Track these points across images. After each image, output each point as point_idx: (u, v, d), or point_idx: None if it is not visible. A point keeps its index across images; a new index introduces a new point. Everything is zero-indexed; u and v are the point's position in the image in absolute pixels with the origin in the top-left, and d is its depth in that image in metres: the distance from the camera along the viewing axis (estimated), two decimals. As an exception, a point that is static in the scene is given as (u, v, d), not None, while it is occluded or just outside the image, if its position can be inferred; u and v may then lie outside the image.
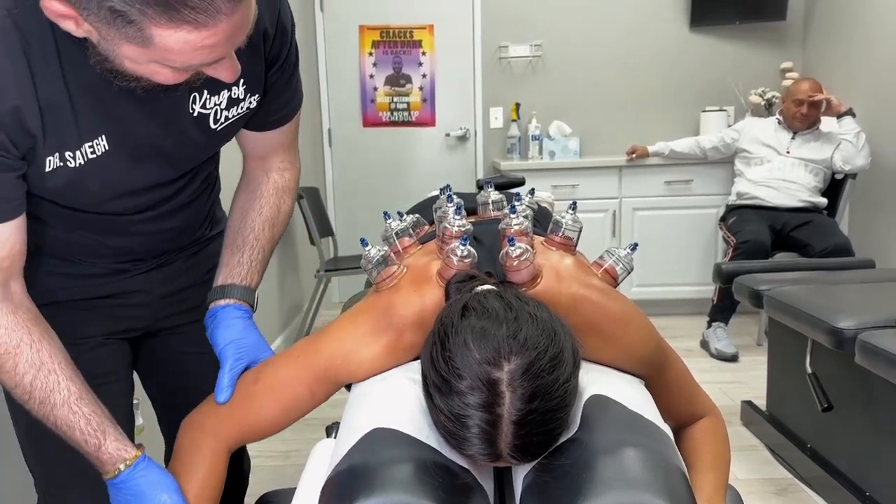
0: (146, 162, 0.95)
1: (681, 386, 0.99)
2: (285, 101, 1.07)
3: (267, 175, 1.13)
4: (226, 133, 1.01)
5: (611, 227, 3.78)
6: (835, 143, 3.29)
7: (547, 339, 0.74)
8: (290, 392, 0.94)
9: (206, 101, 0.94)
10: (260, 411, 0.95)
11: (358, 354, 0.91)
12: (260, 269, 1.09)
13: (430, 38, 4.17)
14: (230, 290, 1.05)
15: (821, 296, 2.04)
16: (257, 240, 1.09)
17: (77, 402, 0.91)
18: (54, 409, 0.90)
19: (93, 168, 0.88)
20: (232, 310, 1.04)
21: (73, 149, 0.86)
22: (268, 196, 1.12)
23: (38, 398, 0.89)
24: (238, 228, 1.10)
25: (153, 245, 1.10)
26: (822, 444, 2.08)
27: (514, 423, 0.72)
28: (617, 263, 0.97)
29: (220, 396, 0.96)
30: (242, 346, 1.00)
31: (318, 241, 3.48)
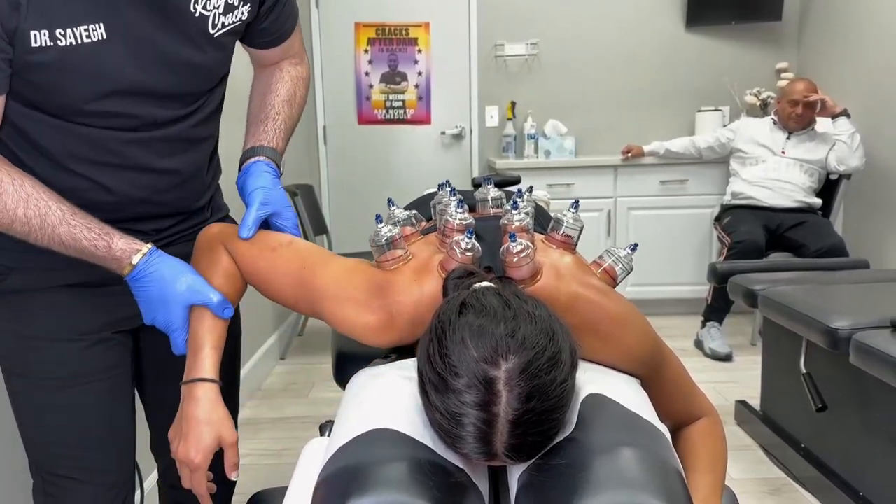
0: (146, 60, 0.94)
1: (678, 386, 0.99)
2: (285, 17, 1.13)
3: (281, 67, 1.20)
4: (223, 42, 1.02)
5: (606, 227, 3.77)
6: (829, 144, 3.29)
7: (545, 338, 0.74)
8: (282, 286, 0.99)
9: (207, 3, 0.96)
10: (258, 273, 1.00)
11: (348, 313, 0.92)
12: (284, 137, 1.14)
13: (426, 36, 4.16)
14: (259, 149, 1.09)
15: (815, 296, 2.04)
16: (278, 114, 1.15)
17: (72, 217, 0.93)
18: (55, 229, 0.92)
19: (86, 52, 0.87)
20: (262, 165, 1.07)
21: (63, 26, 0.84)
22: (284, 81, 1.18)
23: (37, 225, 0.91)
24: (259, 107, 1.16)
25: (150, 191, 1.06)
26: (816, 444, 2.08)
27: (511, 423, 0.71)
28: (616, 264, 0.96)
29: (244, 232, 1.00)
30: (270, 195, 1.04)
31: (312, 238, 3.47)
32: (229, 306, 0.99)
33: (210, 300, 0.97)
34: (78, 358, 1.05)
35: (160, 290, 0.97)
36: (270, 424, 2.66)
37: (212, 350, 0.97)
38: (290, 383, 3.10)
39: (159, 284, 0.96)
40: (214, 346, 0.97)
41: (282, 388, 3.04)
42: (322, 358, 3.39)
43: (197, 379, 0.95)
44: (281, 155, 1.13)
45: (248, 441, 2.49)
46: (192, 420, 0.93)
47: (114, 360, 1.09)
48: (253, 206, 1.02)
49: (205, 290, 0.97)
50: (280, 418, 2.71)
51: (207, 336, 0.97)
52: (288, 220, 1.06)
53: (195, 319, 0.98)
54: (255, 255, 1.00)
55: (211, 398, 0.95)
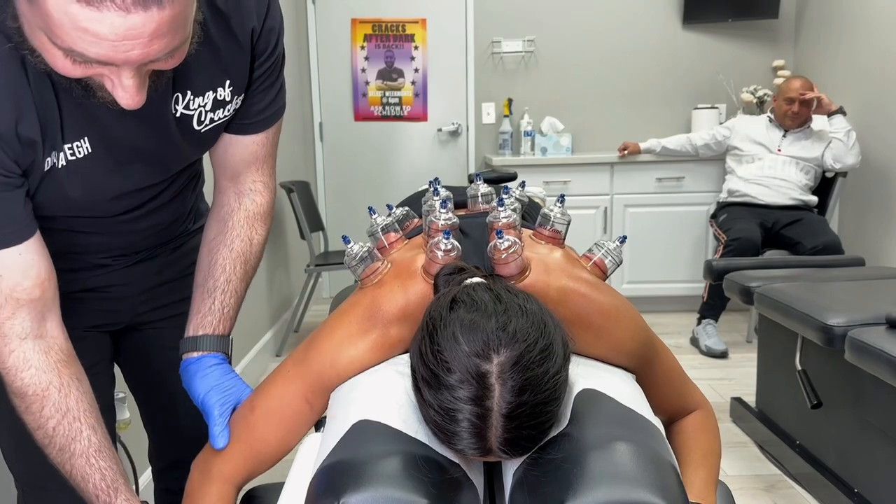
0: (131, 165, 0.92)
1: (671, 379, 0.99)
2: (265, 105, 1.02)
3: (239, 200, 1.08)
4: (211, 136, 0.99)
5: (602, 224, 3.78)
6: (825, 142, 3.30)
7: (537, 331, 0.73)
8: (290, 410, 0.91)
9: (190, 102, 0.91)
10: (264, 439, 0.92)
11: (345, 356, 0.89)
12: (233, 315, 1.06)
13: (423, 33, 4.15)
14: (202, 341, 1.02)
15: (811, 293, 2.04)
16: (228, 282, 1.05)
17: (96, 455, 0.89)
18: (72, 459, 0.88)
19: (76, 170, 0.86)
20: (207, 360, 1.01)
21: (58, 150, 0.84)
22: (239, 228, 1.07)
23: (59, 445, 0.88)
24: (209, 269, 1.05)
25: (136, 242, 1.08)
26: (811, 440, 2.08)
27: (504, 417, 0.71)
28: (606, 256, 0.96)
29: (218, 443, 0.93)
30: (224, 390, 0.98)
31: (308, 235, 3.46)
32: None
33: None
34: None
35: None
36: (266, 421, 2.65)
37: None
38: (286, 380, 3.09)
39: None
40: None
41: (277, 385, 3.03)
42: (318, 355, 3.38)
43: None
44: (229, 335, 1.05)
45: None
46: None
47: (92, 358, 1.06)
48: (213, 413, 0.95)
49: None
50: (276, 415, 2.70)
51: None
52: None
53: None
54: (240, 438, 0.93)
55: None
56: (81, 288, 1.06)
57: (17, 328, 0.86)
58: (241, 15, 0.91)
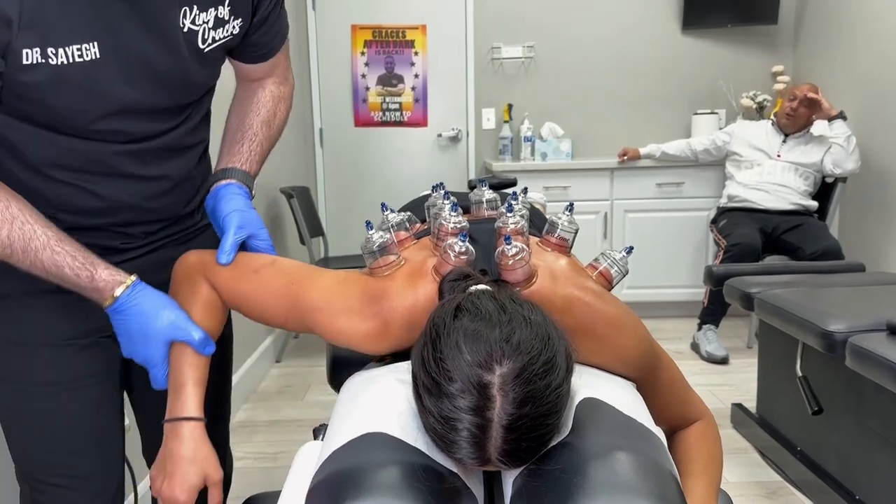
0: (138, 78, 0.93)
1: (674, 389, 0.99)
2: (275, 31, 1.12)
3: (263, 87, 1.19)
4: (213, 57, 1.02)
5: (602, 229, 3.78)
6: (825, 147, 3.30)
7: (540, 343, 0.73)
8: (270, 307, 0.97)
9: (196, 18, 0.95)
10: (243, 297, 0.98)
11: (342, 323, 0.91)
12: (259, 160, 1.13)
13: (423, 38, 4.15)
14: (231, 171, 1.08)
15: (811, 299, 2.04)
16: (255, 135, 1.13)
17: (57, 243, 0.91)
18: (38, 254, 0.90)
19: (79, 72, 0.86)
20: (234, 187, 1.06)
21: (56, 45, 0.83)
22: (265, 101, 1.17)
23: (20, 248, 0.89)
24: (237, 126, 1.14)
25: (139, 198, 1.04)
26: (813, 447, 2.08)
27: (505, 428, 0.70)
28: (612, 266, 0.96)
29: (222, 258, 0.99)
30: (245, 217, 1.02)
31: (308, 240, 3.46)
32: (211, 343, 0.98)
33: (192, 337, 0.95)
34: (65, 363, 1.04)
35: (140, 324, 0.95)
36: (265, 427, 2.65)
37: (195, 387, 0.95)
38: (286, 386, 3.09)
39: (140, 319, 0.94)
40: (197, 383, 0.96)
41: (277, 391, 3.03)
42: (317, 360, 3.38)
43: (181, 418, 0.94)
44: (254, 178, 1.11)
45: (242, 444, 2.48)
46: (176, 459, 0.92)
47: (100, 365, 1.08)
48: (229, 230, 1.00)
49: (187, 327, 0.95)
50: (275, 421, 2.70)
51: (190, 372, 0.95)
52: (264, 241, 1.04)
53: (176, 355, 0.96)
54: (237, 280, 0.98)
55: (196, 437, 0.94)
56: None
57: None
58: None
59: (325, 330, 0.93)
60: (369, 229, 0.96)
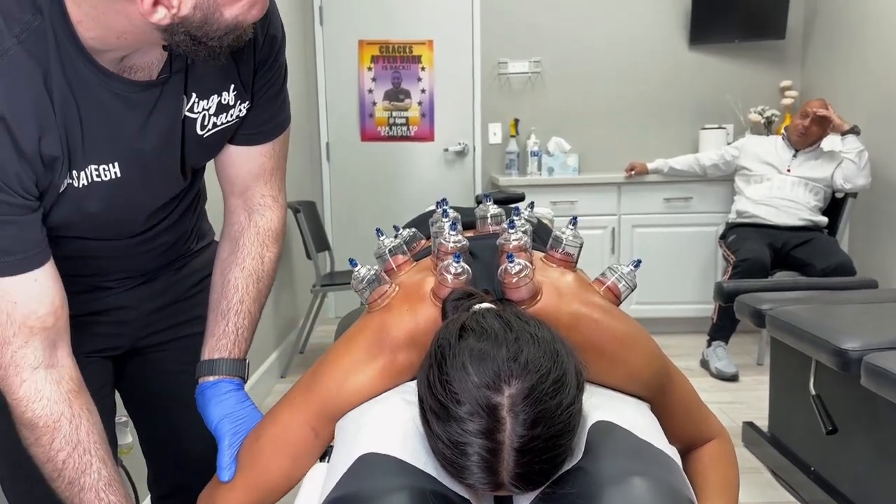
0: (154, 182, 0.93)
1: (688, 408, 0.96)
2: (270, 115, 1.02)
3: (249, 217, 1.07)
4: (213, 141, 0.98)
5: (609, 244, 3.75)
6: (836, 162, 3.27)
7: (549, 360, 0.71)
8: (295, 438, 0.89)
9: (194, 105, 0.91)
10: (269, 468, 0.90)
11: (352, 382, 0.87)
12: (248, 336, 1.05)
13: (430, 54, 4.16)
14: (218, 365, 1.01)
15: (824, 316, 2.01)
16: (241, 302, 1.03)
17: (106, 489, 0.87)
18: (81, 493, 0.86)
19: (99, 192, 0.85)
20: (223, 385, 1.00)
21: (78, 168, 0.82)
22: (250, 246, 1.06)
23: (68, 478, 0.86)
24: (222, 289, 1.04)
25: (141, 263, 1.07)
26: (826, 467, 2.04)
27: (516, 451, 0.68)
28: (619, 281, 0.93)
29: (224, 475, 0.92)
30: (238, 419, 0.96)
31: (314, 255, 3.45)
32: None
33: None
34: None
35: None
36: (270, 444, 2.61)
37: None
38: (291, 402, 3.06)
39: None
40: None
41: (282, 407, 3.00)
42: (323, 376, 3.35)
43: None
44: (245, 357, 1.04)
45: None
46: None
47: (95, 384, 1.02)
48: (223, 442, 0.94)
49: None
50: (280, 438, 2.67)
51: None
52: None
53: None
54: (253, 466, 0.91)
55: None
56: (84, 311, 1.04)
57: (29, 357, 0.83)
58: None
59: (347, 401, 0.87)
60: (353, 266, 0.93)
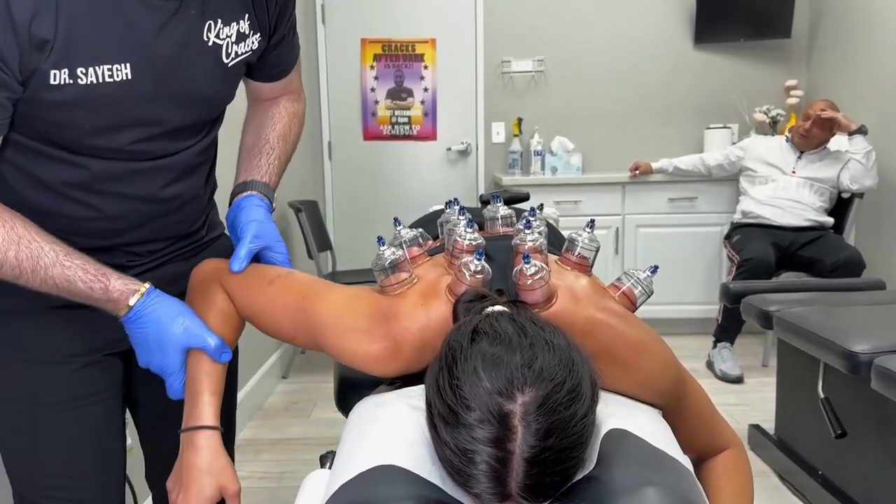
0: (165, 98, 0.91)
1: (702, 417, 0.94)
2: (289, 49, 1.12)
3: (276, 104, 1.18)
4: (235, 72, 1.01)
5: (613, 245, 3.72)
6: (842, 162, 3.24)
7: (564, 369, 0.68)
8: (280, 319, 0.94)
9: (220, 32, 0.94)
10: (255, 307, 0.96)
11: (349, 343, 0.88)
12: (277, 173, 1.12)
13: (433, 52, 4.13)
14: (252, 184, 1.07)
15: (832, 318, 1.98)
16: (273, 149, 1.12)
17: (67, 258, 0.89)
18: (48, 271, 0.88)
19: (107, 91, 0.84)
20: (255, 199, 1.05)
21: (85, 65, 0.81)
22: (280, 116, 1.16)
23: (29, 268, 0.87)
24: (253, 141, 1.13)
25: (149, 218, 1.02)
26: (835, 471, 2.01)
27: (527, 462, 0.65)
28: (636, 286, 0.91)
29: (235, 265, 0.97)
30: (263, 228, 1.01)
31: (316, 255, 3.43)
32: (227, 350, 0.95)
33: (207, 344, 0.93)
34: (67, 382, 1.01)
35: (156, 332, 0.93)
36: (271, 446, 2.60)
37: (211, 396, 0.92)
38: (292, 403, 3.04)
39: (156, 326, 0.93)
40: (214, 392, 0.93)
41: (283, 408, 2.98)
42: (325, 377, 3.33)
43: (197, 427, 0.90)
44: (273, 190, 1.10)
45: (247, 463, 2.43)
46: (192, 470, 0.89)
47: (103, 383, 1.05)
48: (245, 238, 0.99)
49: (202, 334, 0.93)
50: (281, 439, 2.65)
51: (206, 381, 0.93)
52: (281, 253, 1.03)
53: (192, 363, 0.94)
54: (251, 289, 0.96)
55: (212, 446, 0.90)
56: None
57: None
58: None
59: (332, 349, 0.90)
60: (381, 245, 0.92)
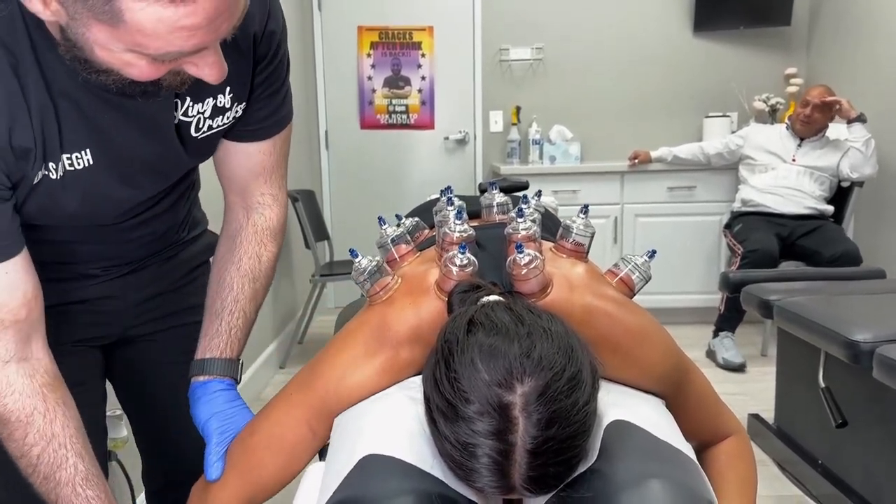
0: (133, 176, 0.89)
1: (704, 405, 0.92)
2: (269, 111, 0.97)
3: (247, 215, 1.04)
4: (208, 143, 0.94)
5: (612, 234, 3.71)
6: (842, 151, 3.22)
7: (564, 357, 0.67)
8: (291, 436, 0.85)
9: (189, 109, 0.87)
10: (263, 464, 0.86)
11: (351, 379, 0.83)
12: (241, 336, 1.02)
13: (430, 40, 4.10)
14: (209, 364, 0.98)
15: (833, 307, 1.97)
16: (236, 301, 1.01)
17: (83, 484, 0.84)
18: (57, 487, 0.84)
19: (74, 182, 0.82)
20: (213, 384, 0.97)
21: (55, 160, 0.79)
22: (247, 244, 1.03)
23: (43, 473, 0.83)
24: (217, 288, 1.02)
25: (129, 251, 1.03)
26: (835, 460, 2.00)
27: (529, 453, 0.64)
28: (633, 272, 0.89)
29: (211, 474, 0.89)
30: (226, 418, 0.94)
31: (313, 245, 3.41)
32: None
33: None
34: None
35: None
36: (269, 436, 2.58)
37: None
38: (290, 393, 3.03)
39: None
40: None
41: (281, 399, 2.97)
42: (322, 367, 3.31)
43: None
44: (238, 358, 1.02)
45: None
46: None
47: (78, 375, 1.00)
48: (211, 441, 0.91)
49: None
50: (279, 430, 2.64)
51: None
52: None
53: None
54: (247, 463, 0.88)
55: None
56: (69, 300, 1.01)
57: (0, 351, 0.81)
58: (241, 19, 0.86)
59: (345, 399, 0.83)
60: (354, 257, 0.89)
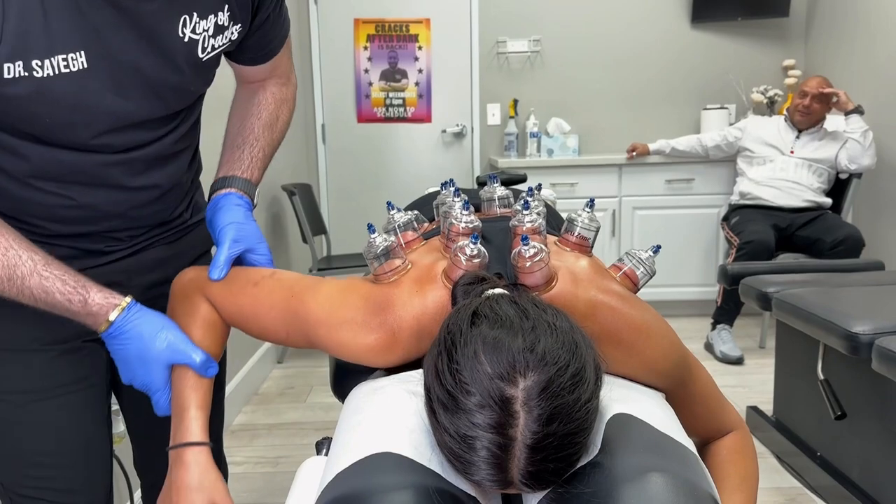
0: (130, 88, 0.87)
1: (706, 400, 0.91)
2: (274, 34, 1.06)
3: (264, 88, 1.13)
4: (210, 65, 0.96)
5: (610, 227, 3.70)
6: (840, 143, 3.22)
7: (568, 352, 0.66)
8: (270, 321, 0.91)
9: (196, 26, 0.89)
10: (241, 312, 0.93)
11: (344, 337, 0.85)
12: (260, 167, 1.08)
13: (427, 33, 4.08)
14: (231, 180, 1.03)
15: (832, 299, 1.97)
16: (257, 140, 1.08)
17: (45, 267, 0.85)
18: (25, 282, 0.84)
19: (66, 83, 0.80)
20: (234, 197, 1.01)
21: (41, 57, 0.77)
22: (266, 104, 1.12)
23: (5, 277, 0.83)
24: (237, 131, 1.09)
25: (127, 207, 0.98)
26: (833, 452, 2.00)
27: (529, 448, 0.63)
28: (637, 266, 0.88)
29: (214, 273, 0.94)
30: (242, 231, 0.98)
31: (310, 239, 3.39)
32: (213, 364, 0.92)
33: (192, 360, 0.89)
34: (45, 369, 0.98)
35: (138, 348, 0.89)
36: (266, 431, 2.58)
37: (198, 410, 0.89)
38: (288, 387, 3.03)
39: (137, 343, 0.88)
40: (200, 406, 0.90)
41: (279, 393, 2.97)
42: (321, 361, 3.31)
43: (185, 444, 0.87)
44: (256, 185, 1.06)
45: (243, 448, 2.41)
46: (182, 488, 0.86)
47: (84, 370, 1.01)
48: (224, 244, 0.95)
49: (186, 349, 0.89)
50: (277, 424, 2.63)
51: (192, 395, 0.89)
52: (263, 255, 0.99)
53: (177, 378, 0.91)
54: (235, 294, 0.93)
55: (201, 462, 0.87)
56: None
57: None
58: None
59: (327, 344, 0.87)
60: (371, 232, 0.89)
